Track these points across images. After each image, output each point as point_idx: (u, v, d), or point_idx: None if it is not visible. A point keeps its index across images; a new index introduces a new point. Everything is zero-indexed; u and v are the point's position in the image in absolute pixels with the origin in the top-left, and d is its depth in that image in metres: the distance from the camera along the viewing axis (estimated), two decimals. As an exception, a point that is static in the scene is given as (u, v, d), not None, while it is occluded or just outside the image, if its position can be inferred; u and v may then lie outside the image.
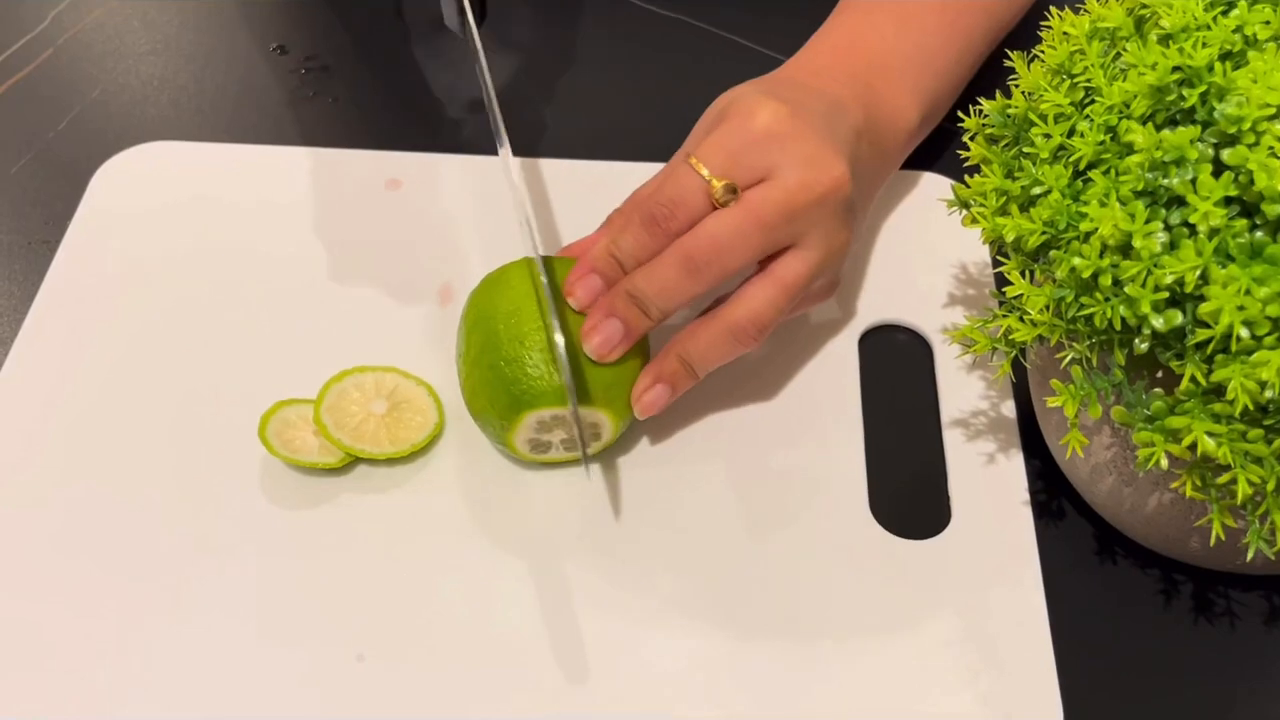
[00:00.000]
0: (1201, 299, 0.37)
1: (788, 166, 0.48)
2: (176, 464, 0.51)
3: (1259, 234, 0.37)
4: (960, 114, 0.48)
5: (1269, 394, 0.36)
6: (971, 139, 0.47)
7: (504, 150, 0.52)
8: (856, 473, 0.52)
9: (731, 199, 0.48)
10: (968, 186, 0.46)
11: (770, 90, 0.50)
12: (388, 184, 0.61)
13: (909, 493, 0.52)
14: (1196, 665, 0.47)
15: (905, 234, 0.60)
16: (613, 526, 0.50)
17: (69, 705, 0.45)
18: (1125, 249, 0.39)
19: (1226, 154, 0.37)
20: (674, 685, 0.46)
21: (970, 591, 0.48)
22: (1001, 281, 0.45)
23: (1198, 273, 0.37)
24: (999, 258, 0.46)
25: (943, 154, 0.63)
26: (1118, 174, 0.40)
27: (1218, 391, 0.38)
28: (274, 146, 0.63)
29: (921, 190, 0.62)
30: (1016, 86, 0.46)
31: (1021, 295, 0.44)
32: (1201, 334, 0.37)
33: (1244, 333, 0.36)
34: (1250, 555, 0.40)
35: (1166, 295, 0.38)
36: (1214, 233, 0.37)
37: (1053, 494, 0.52)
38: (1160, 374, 0.41)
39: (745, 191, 0.48)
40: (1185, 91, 0.39)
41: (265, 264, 0.58)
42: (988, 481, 0.52)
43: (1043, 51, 0.46)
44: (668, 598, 0.48)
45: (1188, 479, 0.40)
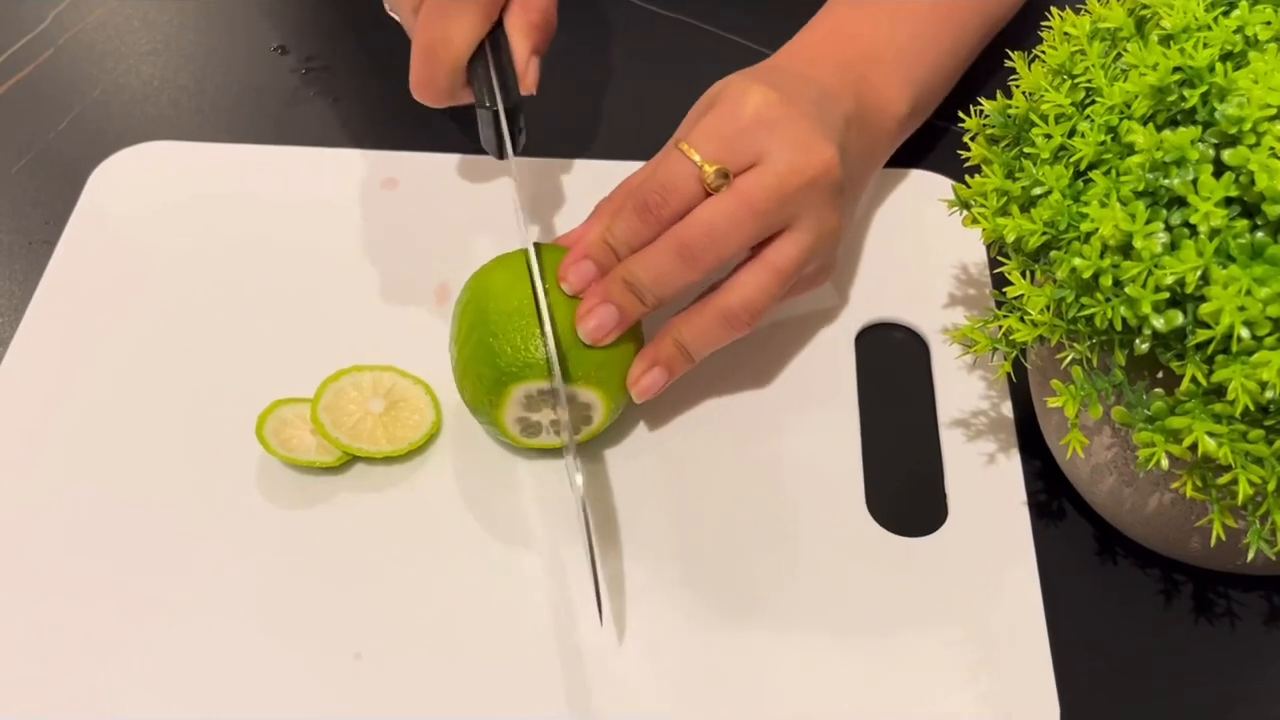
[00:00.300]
0: (1202, 299, 0.37)
1: (778, 151, 0.48)
2: (174, 463, 0.51)
3: (1260, 234, 0.37)
4: (961, 114, 0.48)
5: (1270, 394, 0.36)
6: (972, 139, 0.47)
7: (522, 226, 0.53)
8: (853, 470, 0.52)
9: (723, 184, 0.48)
10: (968, 187, 0.46)
11: (760, 77, 0.51)
12: (384, 183, 0.61)
13: (906, 491, 0.52)
14: (1196, 666, 0.47)
15: (904, 233, 0.60)
16: (610, 526, 0.50)
17: (67, 704, 0.45)
18: (1126, 249, 0.39)
19: (1227, 154, 0.37)
20: (673, 684, 0.46)
21: (968, 590, 0.48)
22: (1001, 281, 0.45)
23: (1198, 273, 0.37)
24: (999, 258, 0.46)
25: (943, 154, 0.63)
26: (1118, 174, 0.40)
27: (1218, 392, 0.38)
28: (273, 146, 0.63)
29: (921, 190, 0.62)
30: (1017, 87, 0.46)
31: (1022, 296, 0.44)
32: (1202, 334, 0.37)
33: (1245, 333, 0.36)
34: (1251, 556, 0.40)
35: (1167, 296, 0.38)
36: (1215, 233, 0.37)
37: (1053, 494, 0.52)
38: (1161, 374, 0.41)
39: (736, 177, 0.48)
40: (1186, 92, 0.39)
41: (263, 263, 0.58)
42: (984, 480, 0.52)
43: (1043, 52, 0.45)
44: (665, 597, 0.48)
45: (1188, 479, 0.40)
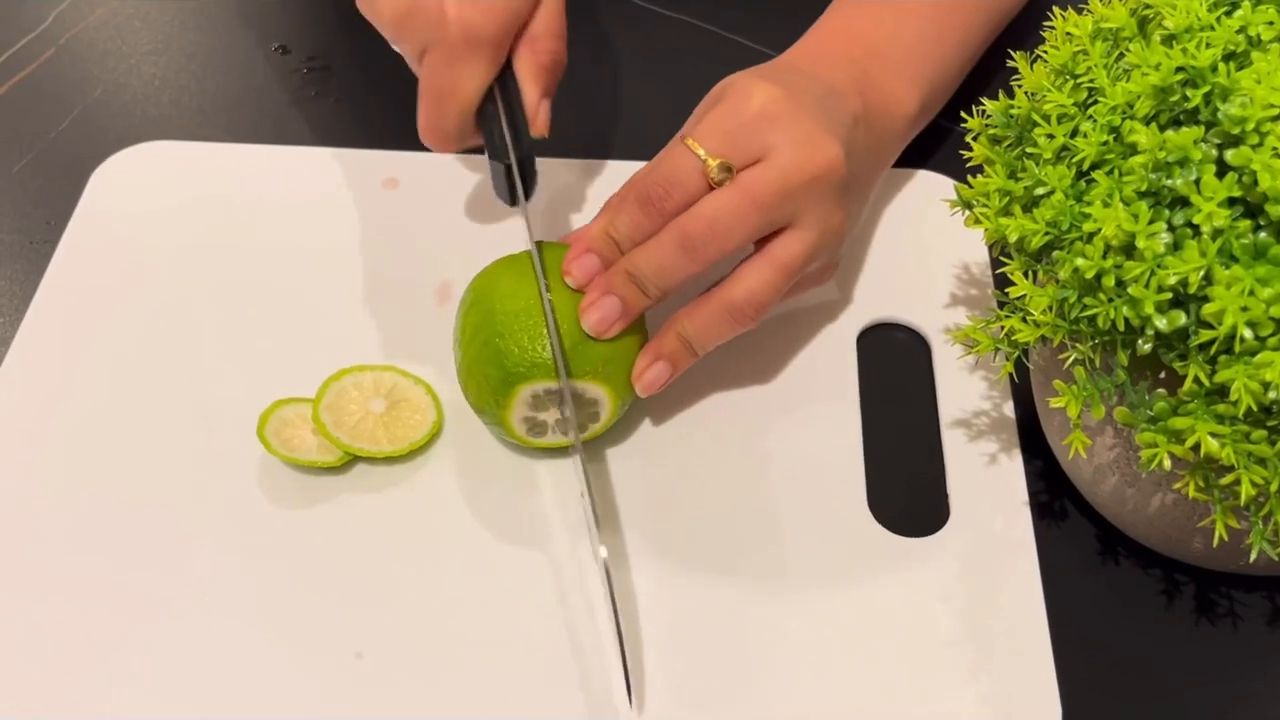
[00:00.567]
0: (1205, 300, 0.37)
1: (782, 146, 0.48)
2: (175, 463, 0.51)
3: (1263, 235, 0.37)
4: (963, 114, 0.48)
5: (1272, 395, 0.36)
6: (974, 139, 0.47)
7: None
8: (855, 470, 0.52)
9: (727, 178, 0.48)
10: (970, 187, 0.46)
11: (766, 75, 0.51)
12: (385, 183, 0.61)
13: (908, 491, 0.52)
14: (1198, 666, 0.47)
15: (906, 233, 0.60)
16: (609, 525, 0.50)
17: (67, 704, 0.45)
18: (1128, 249, 0.39)
19: (1230, 155, 0.37)
20: (672, 684, 0.46)
21: (969, 590, 0.48)
22: (1004, 282, 0.45)
23: (1201, 273, 0.37)
24: (1001, 258, 0.46)
25: (946, 154, 0.63)
26: (1121, 174, 0.40)
27: (1221, 392, 0.38)
28: (274, 146, 0.63)
29: (923, 190, 0.62)
30: (1019, 87, 0.46)
31: (1024, 296, 0.43)
32: (1205, 335, 0.37)
33: (1247, 333, 0.36)
34: (1253, 556, 0.40)
35: (1170, 296, 0.38)
36: (1217, 233, 0.37)
37: (1054, 494, 0.52)
38: (1163, 375, 0.41)
39: (741, 171, 0.48)
40: (1189, 92, 0.39)
41: (264, 263, 0.58)
42: (986, 480, 0.52)
43: (1046, 52, 0.45)
44: (666, 597, 0.48)
45: (1191, 480, 0.40)
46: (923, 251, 0.59)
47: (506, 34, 0.52)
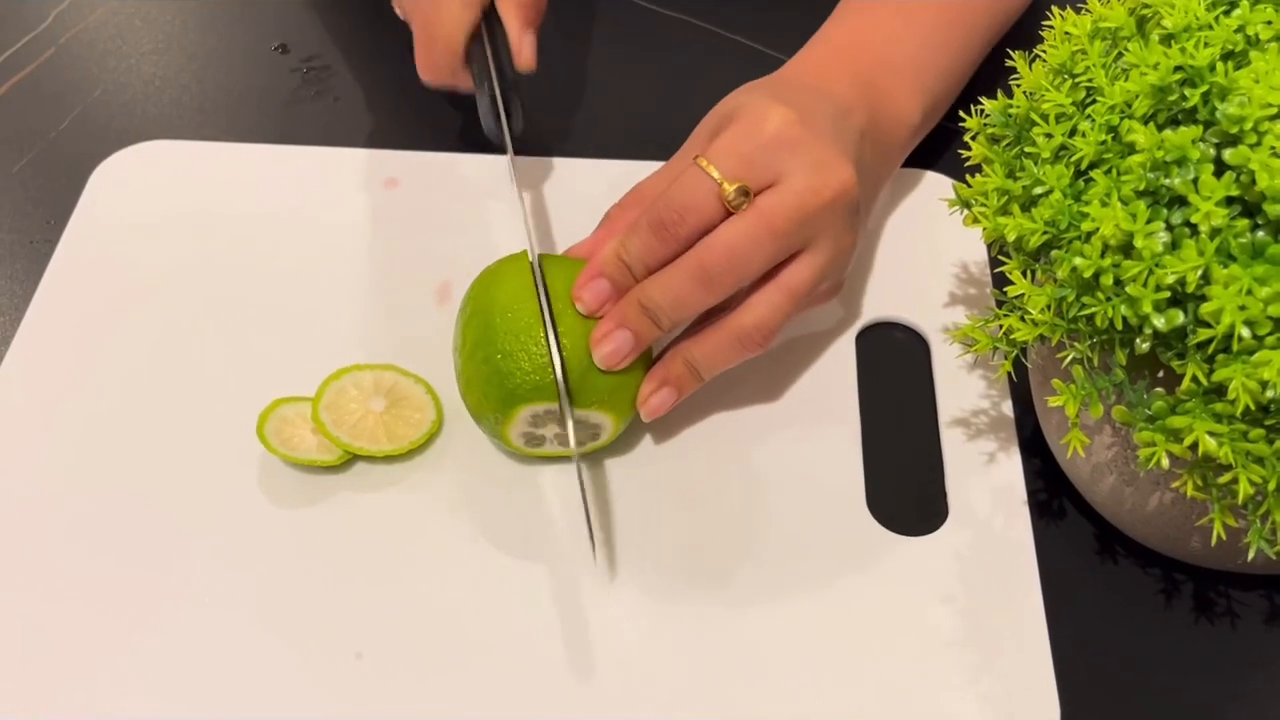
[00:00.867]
0: (1203, 299, 0.37)
1: (798, 171, 0.48)
2: (175, 462, 0.51)
3: (1260, 234, 0.37)
4: (962, 114, 0.48)
5: (1270, 394, 0.36)
6: (973, 139, 0.47)
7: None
8: (854, 469, 0.52)
9: (744, 201, 0.47)
10: (969, 186, 0.46)
11: (776, 95, 0.50)
12: (386, 183, 0.61)
13: (906, 490, 0.52)
14: (1197, 665, 0.47)
15: (905, 232, 0.60)
16: (610, 525, 0.50)
17: (67, 704, 0.45)
18: (1127, 249, 0.39)
19: (1228, 154, 0.37)
20: (672, 685, 0.46)
21: (968, 590, 0.48)
22: (1002, 281, 0.45)
23: (1199, 272, 0.37)
24: (1000, 257, 0.46)
25: (944, 153, 0.63)
26: (1119, 174, 0.40)
27: (1219, 391, 0.38)
28: (274, 146, 0.63)
29: (922, 190, 0.62)
30: (1018, 86, 0.46)
31: (1023, 295, 0.44)
32: (1203, 334, 0.37)
33: (1245, 332, 0.36)
34: (1251, 555, 0.40)
35: (1168, 295, 0.38)
36: (1215, 232, 0.37)
37: (1053, 493, 0.52)
38: (1161, 374, 0.41)
39: (756, 197, 0.48)
40: (1187, 91, 0.39)
41: (264, 262, 0.58)
42: (985, 479, 0.52)
43: (1044, 51, 0.45)
44: (666, 596, 0.48)
45: (1189, 479, 0.40)
46: (921, 251, 0.59)
47: None
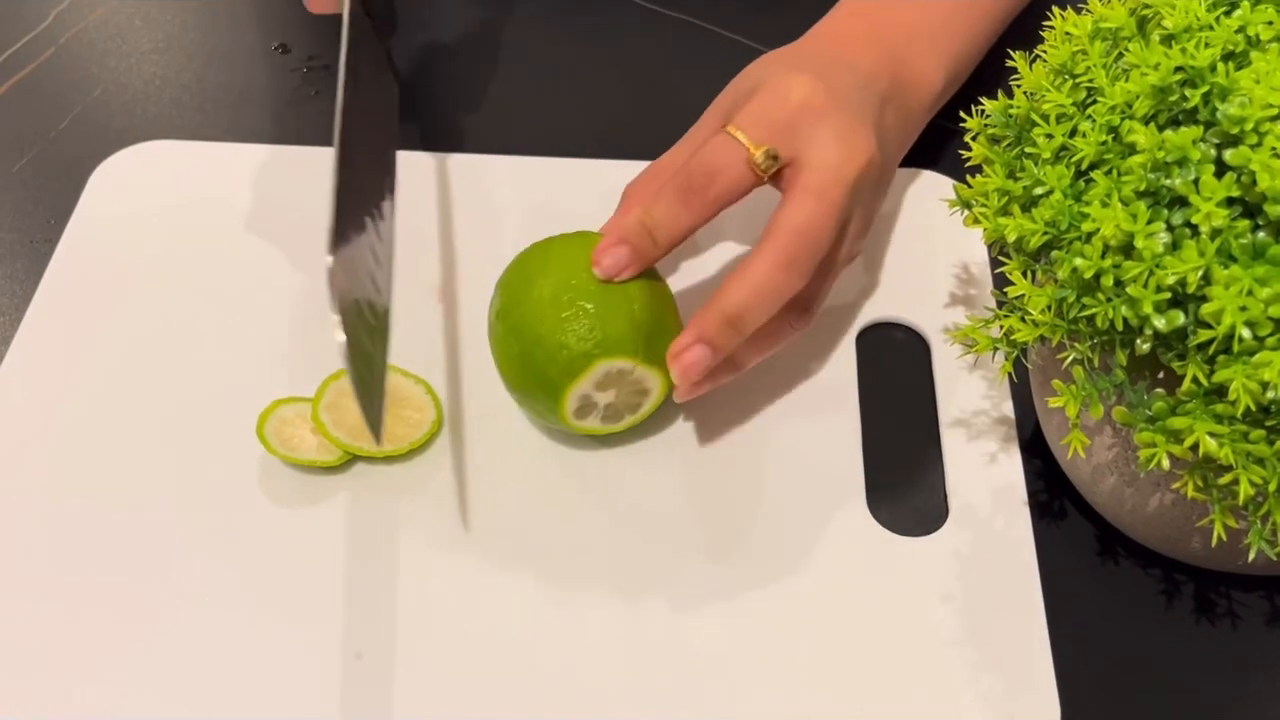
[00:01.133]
0: (1203, 299, 0.37)
1: (826, 142, 0.48)
2: (174, 462, 0.51)
3: (1261, 235, 0.37)
4: (962, 114, 0.48)
5: (1271, 395, 0.36)
6: (973, 139, 0.47)
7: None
8: (854, 470, 0.52)
9: (773, 165, 0.47)
10: (969, 186, 0.46)
11: (800, 65, 0.50)
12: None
13: (907, 490, 0.52)
14: (1197, 666, 0.47)
15: (905, 233, 0.60)
16: (609, 524, 0.50)
17: (67, 704, 0.45)
18: (1127, 249, 0.39)
19: (1229, 154, 0.37)
20: (673, 684, 0.46)
21: (968, 590, 0.48)
22: (1002, 281, 0.45)
23: (1200, 273, 0.37)
24: (1000, 258, 0.46)
25: (944, 153, 0.63)
26: (1120, 174, 0.40)
27: (1220, 392, 0.38)
28: (274, 145, 0.63)
29: (922, 189, 0.62)
30: (1018, 86, 0.46)
31: (1023, 295, 0.43)
32: (1203, 334, 0.37)
33: (1246, 333, 0.36)
34: (1252, 556, 0.40)
35: (1168, 296, 0.38)
36: (1216, 233, 0.37)
37: (1053, 494, 0.52)
38: (1162, 374, 0.41)
39: (799, 180, 0.47)
40: (1188, 92, 0.39)
41: (264, 262, 0.58)
42: (985, 480, 0.52)
43: (1045, 51, 0.45)
44: (665, 596, 0.48)
45: (1189, 479, 0.40)
46: (922, 251, 0.59)
47: None
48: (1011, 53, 0.47)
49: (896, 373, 0.56)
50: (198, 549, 0.49)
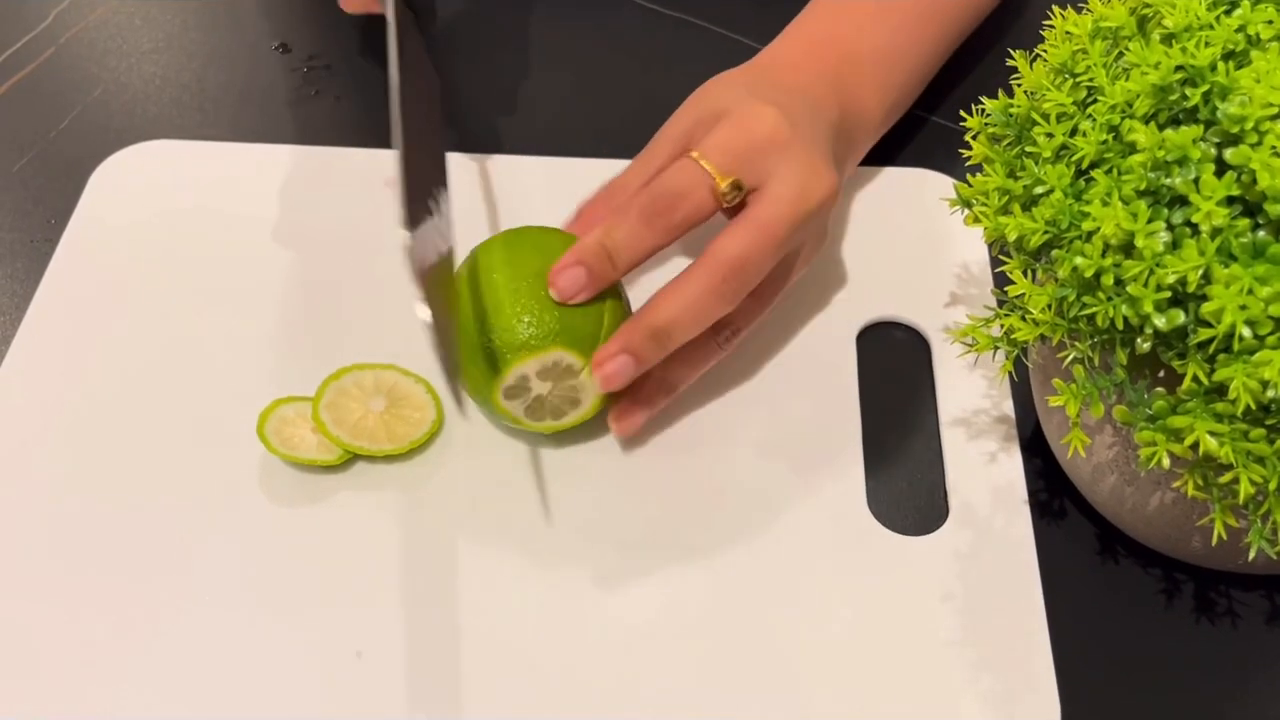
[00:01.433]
0: (1204, 298, 0.37)
1: (787, 176, 0.49)
2: (175, 461, 0.51)
3: (1261, 234, 0.37)
4: (962, 113, 0.48)
5: (1271, 393, 0.36)
6: (973, 138, 0.47)
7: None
8: (854, 469, 0.52)
9: (737, 196, 0.48)
10: (970, 185, 0.46)
11: (761, 95, 0.51)
12: (386, 182, 0.61)
13: (907, 489, 0.52)
14: (1197, 665, 0.47)
15: (906, 232, 0.60)
16: (610, 525, 0.50)
17: (67, 703, 0.45)
18: (1127, 248, 0.39)
19: (1229, 153, 0.37)
20: (673, 684, 0.46)
21: (968, 590, 0.48)
22: (1003, 280, 0.45)
23: (1200, 272, 0.37)
24: (1001, 257, 0.46)
25: (945, 153, 0.63)
26: (1120, 173, 0.40)
27: (1220, 391, 0.38)
28: (275, 145, 0.63)
29: (922, 189, 0.62)
30: (1019, 85, 0.46)
31: (1024, 294, 0.44)
32: (1204, 333, 0.37)
33: (1246, 332, 0.36)
34: (1252, 555, 0.40)
35: (1169, 295, 0.38)
36: (1216, 232, 0.37)
37: (1054, 493, 0.52)
38: (1162, 373, 0.41)
39: (751, 209, 0.48)
40: (1188, 91, 0.39)
41: (264, 261, 0.58)
42: (986, 479, 0.52)
43: (1045, 51, 0.45)
44: (666, 596, 0.48)
45: (1189, 478, 0.40)
46: (922, 250, 0.59)
47: None
48: (1012, 52, 0.47)
49: (896, 372, 0.56)
50: (198, 548, 0.49)
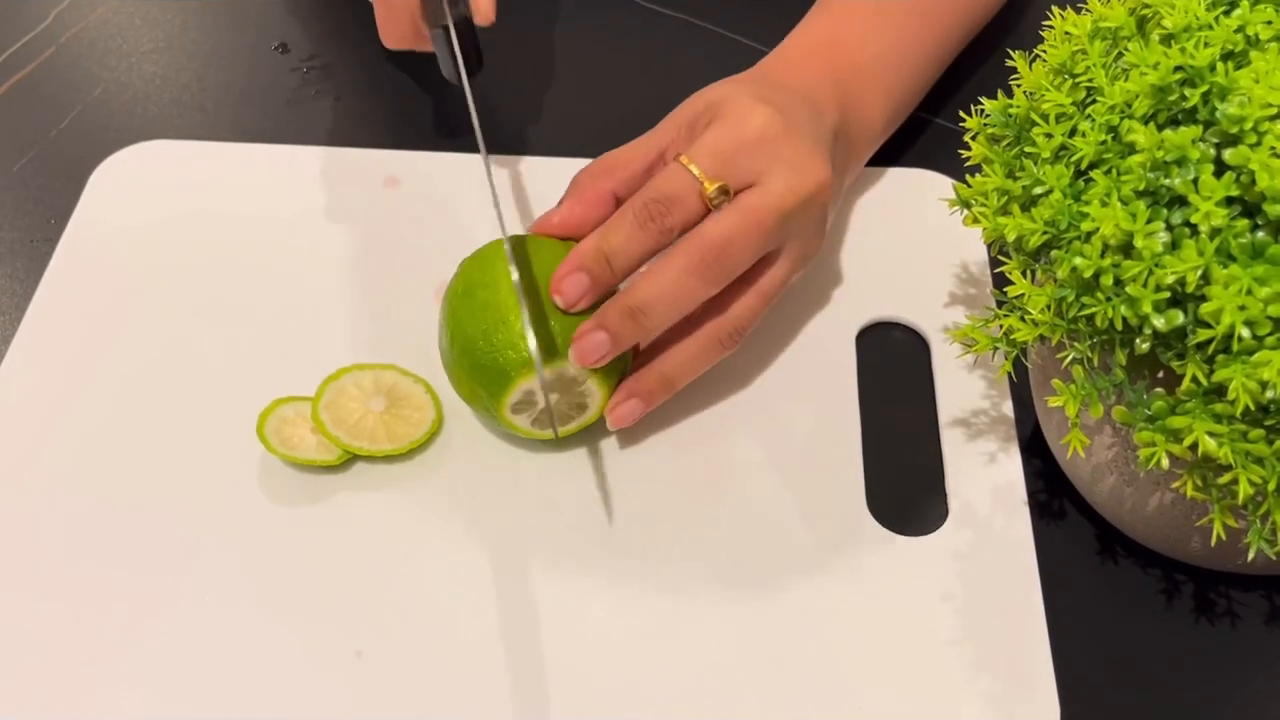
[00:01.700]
0: (1203, 299, 0.37)
1: (778, 172, 0.49)
2: (174, 461, 0.51)
3: (1260, 234, 0.37)
4: (962, 114, 0.48)
5: (1270, 394, 0.36)
6: (973, 138, 0.47)
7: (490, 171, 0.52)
8: (854, 469, 0.52)
9: (723, 200, 0.48)
10: (969, 186, 0.46)
11: (756, 93, 0.51)
12: (386, 182, 0.61)
13: (907, 490, 0.52)
14: (1197, 665, 0.47)
15: (905, 232, 0.60)
16: (610, 525, 0.50)
17: (67, 703, 0.45)
18: (1127, 249, 0.39)
19: (1228, 154, 0.37)
20: (673, 684, 0.46)
21: (968, 590, 0.48)
22: (1002, 281, 0.45)
23: (1199, 273, 0.37)
24: (1000, 257, 0.46)
25: (944, 153, 0.63)
26: (1119, 174, 0.40)
27: (1219, 391, 0.38)
28: (274, 145, 0.63)
29: (922, 189, 0.62)
30: (1018, 86, 0.46)
31: (1023, 295, 0.44)
32: (1203, 334, 0.37)
33: (1245, 333, 0.36)
34: (1251, 555, 0.40)
35: (1168, 295, 0.38)
36: (1215, 233, 0.37)
37: (1053, 494, 0.52)
38: (1161, 374, 0.41)
39: (739, 195, 0.49)
40: (1187, 91, 0.39)
41: (264, 262, 0.58)
42: (985, 479, 0.52)
43: (1044, 51, 0.45)
44: (665, 596, 0.48)
45: (1189, 479, 0.40)
46: (922, 251, 0.59)
47: None
48: (1011, 52, 0.47)
49: (896, 373, 0.56)
50: (198, 548, 0.49)
